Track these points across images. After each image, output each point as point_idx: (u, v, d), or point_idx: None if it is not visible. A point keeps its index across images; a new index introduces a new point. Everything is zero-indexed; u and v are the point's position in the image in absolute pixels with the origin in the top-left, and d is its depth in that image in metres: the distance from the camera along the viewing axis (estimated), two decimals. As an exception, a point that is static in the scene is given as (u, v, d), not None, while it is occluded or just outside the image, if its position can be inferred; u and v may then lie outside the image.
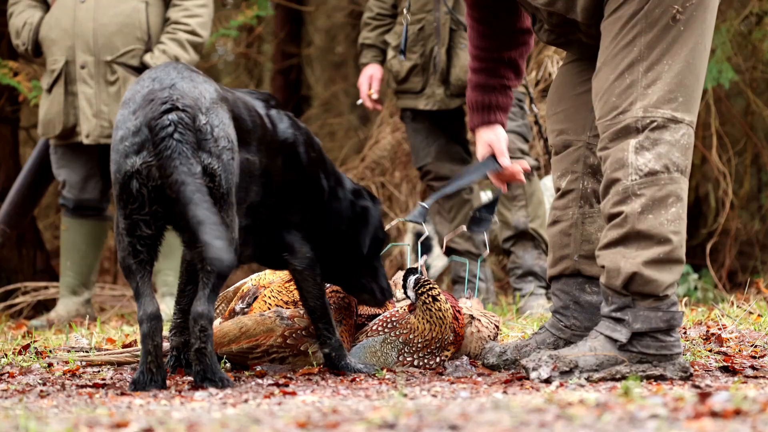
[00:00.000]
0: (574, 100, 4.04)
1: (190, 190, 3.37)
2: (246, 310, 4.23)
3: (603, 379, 3.68)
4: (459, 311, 4.15)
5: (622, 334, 3.71)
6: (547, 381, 3.66)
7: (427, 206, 4.18)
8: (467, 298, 4.43)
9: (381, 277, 4.10)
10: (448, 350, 4.11)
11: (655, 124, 3.71)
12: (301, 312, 4.04)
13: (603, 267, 3.75)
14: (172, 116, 3.46)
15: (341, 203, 4.02)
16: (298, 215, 3.93)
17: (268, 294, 4.18)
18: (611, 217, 3.74)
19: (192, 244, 3.55)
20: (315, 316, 3.96)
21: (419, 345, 4.08)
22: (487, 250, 5.24)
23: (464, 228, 4.36)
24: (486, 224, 4.31)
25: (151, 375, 3.56)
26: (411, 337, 4.08)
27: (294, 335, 4.02)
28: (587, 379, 3.67)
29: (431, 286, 4.11)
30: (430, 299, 4.09)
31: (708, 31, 3.79)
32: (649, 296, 3.70)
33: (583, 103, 4.01)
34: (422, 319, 4.08)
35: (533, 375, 3.70)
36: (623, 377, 3.69)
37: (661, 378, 3.71)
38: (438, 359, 4.10)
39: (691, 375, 3.76)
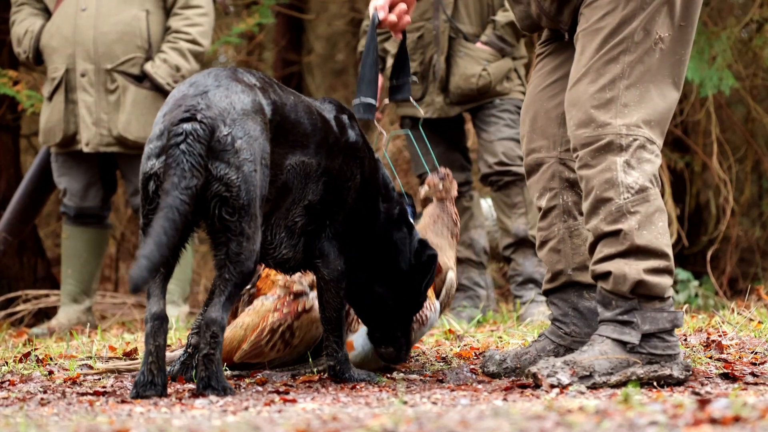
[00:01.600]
0: (542, 118, 4.06)
1: (166, 202, 3.41)
2: (252, 291, 4.25)
3: (620, 383, 3.69)
4: None
5: (632, 336, 3.73)
6: (567, 387, 3.66)
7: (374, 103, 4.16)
8: (441, 178, 4.37)
9: (409, 337, 4.08)
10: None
11: (637, 143, 3.76)
12: (281, 282, 4.08)
13: (604, 275, 3.75)
14: (187, 126, 3.49)
15: (405, 240, 4.02)
16: (342, 226, 3.96)
17: (272, 271, 4.21)
18: (606, 235, 3.75)
19: (213, 250, 3.62)
20: (329, 326, 3.97)
21: None
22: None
23: (387, 101, 4.34)
24: (407, 88, 4.28)
25: (151, 376, 3.57)
26: None
27: (285, 302, 4.06)
28: (605, 383, 3.68)
29: None
30: None
31: (682, 66, 3.86)
32: (655, 298, 3.74)
33: (552, 119, 4.03)
34: None
35: (550, 381, 3.68)
36: (638, 379, 3.71)
37: (669, 378, 3.73)
38: (428, 310, 4.14)
39: (692, 373, 3.80)
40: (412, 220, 4.14)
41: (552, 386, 3.66)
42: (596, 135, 3.77)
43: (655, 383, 3.73)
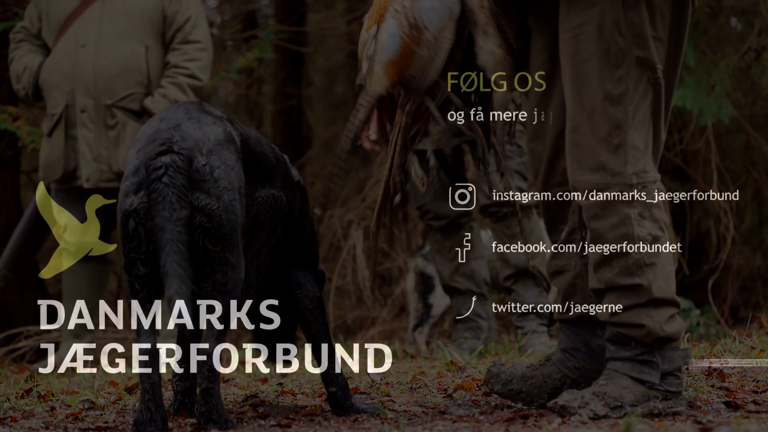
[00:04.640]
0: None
1: (166, 238, 3.42)
2: None
3: (646, 416, 3.69)
4: None
5: (652, 376, 3.74)
6: (603, 417, 3.66)
7: None
8: None
9: None
10: None
11: (646, 189, 3.76)
12: None
13: (634, 326, 3.74)
14: (166, 159, 3.50)
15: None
16: (309, 257, 4.01)
17: None
18: (622, 288, 3.75)
19: (200, 282, 3.60)
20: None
21: None
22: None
23: None
24: None
25: (150, 414, 3.56)
26: None
27: None
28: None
29: None
30: None
31: (671, 93, 3.87)
32: (672, 339, 3.76)
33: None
34: None
35: (585, 413, 3.67)
36: (659, 413, 3.71)
37: (677, 414, 3.74)
38: None
39: (692, 407, 3.82)
40: None
41: (589, 417, 3.66)
42: (605, 183, 3.74)
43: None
